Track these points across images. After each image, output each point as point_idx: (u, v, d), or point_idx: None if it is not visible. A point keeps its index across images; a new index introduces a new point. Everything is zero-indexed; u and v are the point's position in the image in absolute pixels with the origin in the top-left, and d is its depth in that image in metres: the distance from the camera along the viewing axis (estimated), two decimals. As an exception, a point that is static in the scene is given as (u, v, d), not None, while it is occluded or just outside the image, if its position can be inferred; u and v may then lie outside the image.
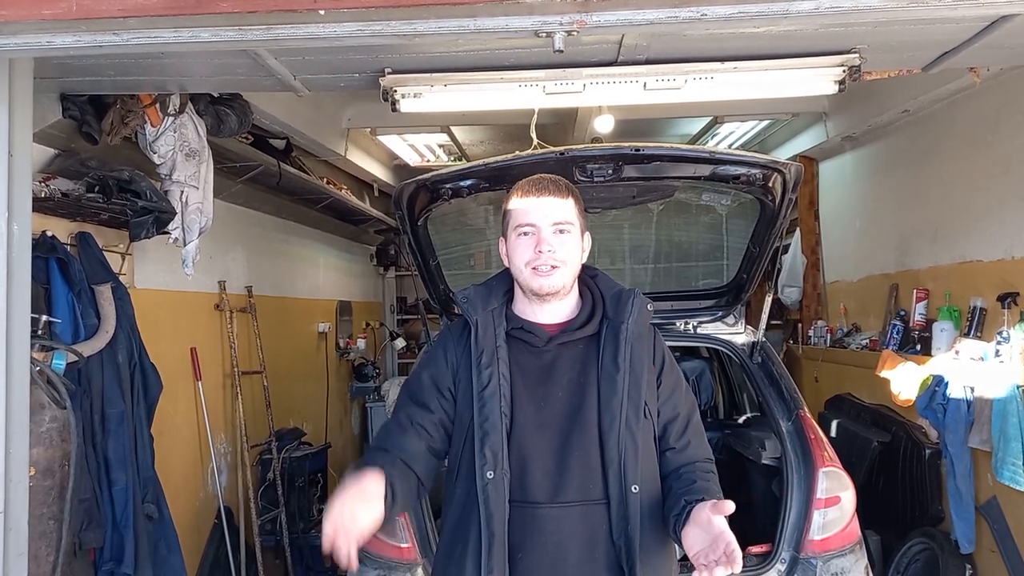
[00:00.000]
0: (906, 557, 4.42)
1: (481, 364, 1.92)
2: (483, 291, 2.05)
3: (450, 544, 1.97)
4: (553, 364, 1.96)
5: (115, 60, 2.74)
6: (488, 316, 1.99)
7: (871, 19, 2.32)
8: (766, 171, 3.23)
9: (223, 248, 5.13)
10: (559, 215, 1.95)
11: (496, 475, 1.86)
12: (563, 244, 1.94)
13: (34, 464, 2.77)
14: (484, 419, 1.89)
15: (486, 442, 1.87)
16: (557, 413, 1.93)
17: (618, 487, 1.88)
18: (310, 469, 5.82)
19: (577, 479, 1.89)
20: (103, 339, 3.34)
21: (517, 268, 1.97)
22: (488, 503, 1.86)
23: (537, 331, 1.98)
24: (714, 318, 3.93)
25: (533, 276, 1.94)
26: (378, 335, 8.96)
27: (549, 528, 1.88)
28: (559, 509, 1.88)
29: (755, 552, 3.23)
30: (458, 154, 6.90)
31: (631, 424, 1.91)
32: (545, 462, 1.89)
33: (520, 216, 1.97)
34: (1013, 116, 3.93)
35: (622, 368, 1.93)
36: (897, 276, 5.13)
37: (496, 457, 1.86)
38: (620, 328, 1.96)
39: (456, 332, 2.06)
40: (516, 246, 1.97)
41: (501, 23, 2.22)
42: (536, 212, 1.94)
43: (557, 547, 1.88)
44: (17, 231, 2.49)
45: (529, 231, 1.94)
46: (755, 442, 3.90)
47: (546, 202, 1.94)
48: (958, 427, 4.05)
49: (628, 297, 2.01)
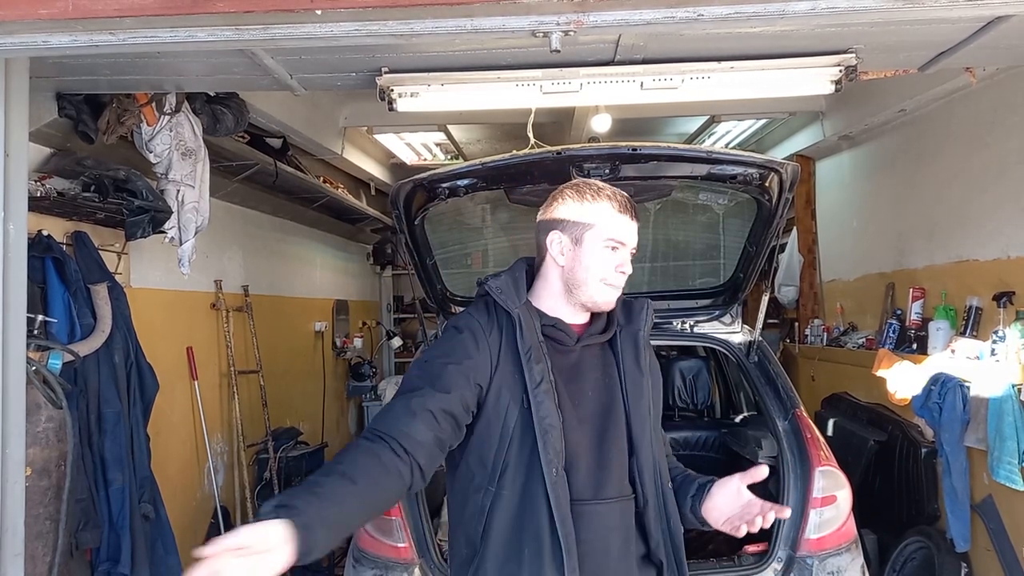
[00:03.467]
0: (902, 556, 4.43)
1: (532, 359, 1.88)
2: (511, 283, 1.99)
3: (508, 550, 1.88)
4: (579, 364, 1.98)
5: (111, 59, 2.73)
6: (526, 311, 1.95)
7: (867, 20, 2.33)
8: (763, 171, 3.23)
9: (219, 247, 5.13)
10: (636, 241, 2.00)
11: (559, 472, 1.85)
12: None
13: (30, 464, 2.76)
14: (543, 416, 1.85)
15: (548, 439, 1.85)
16: (591, 411, 1.95)
17: (653, 485, 1.94)
18: (307, 468, 5.80)
19: (616, 476, 1.93)
20: (99, 339, 3.34)
21: (589, 277, 1.94)
22: (560, 502, 1.83)
23: (568, 331, 1.98)
24: (711, 317, 3.93)
25: (605, 289, 1.95)
26: (375, 334, 8.95)
27: (595, 524, 1.89)
28: (603, 505, 1.90)
29: (751, 551, 3.24)
30: (455, 153, 6.89)
31: (657, 425, 1.99)
32: (588, 459, 1.91)
33: (616, 232, 1.95)
34: (1009, 116, 3.94)
35: (645, 373, 2.00)
36: (893, 275, 5.14)
37: (559, 455, 1.85)
38: (638, 335, 2.02)
39: (482, 320, 1.95)
40: (601, 257, 1.94)
41: (498, 23, 2.22)
42: (629, 233, 1.97)
43: (601, 543, 1.90)
44: (13, 231, 2.48)
45: (618, 247, 1.96)
46: (752, 441, 3.90)
47: (635, 227, 1.99)
48: (954, 426, 4.06)
49: (641, 306, 2.06)
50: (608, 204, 1.96)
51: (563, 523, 1.83)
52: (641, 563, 1.95)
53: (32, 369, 2.81)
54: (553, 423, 1.85)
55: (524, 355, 1.88)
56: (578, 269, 1.95)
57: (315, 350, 7.05)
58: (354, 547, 3.17)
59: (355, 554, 3.14)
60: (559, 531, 1.82)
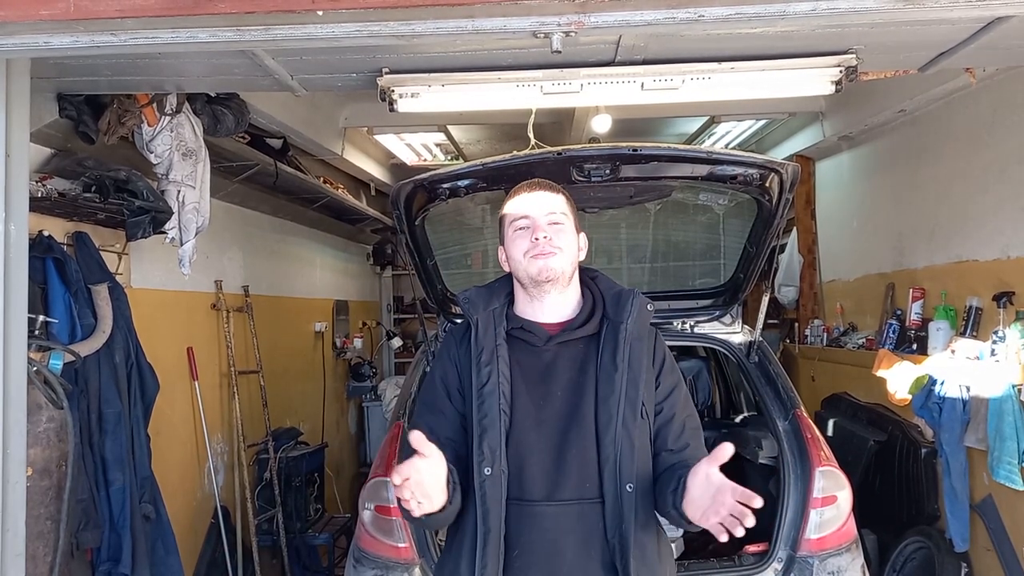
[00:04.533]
0: (902, 556, 4.43)
1: (481, 362, 1.94)
2: (484, 292, 2.08)
3: (449, 540, 2.00)
4: (553, 363, 1.98)
5: (112, 60, 2.74)
6: (488, 316, 2.01)
7: (868, 20, 2.33)
8: (763, 171, 3.23)
9: (220, 247, 5.13)
10: (552, 207, 2.01)
11: (494, 472, 1.87)
12: (558, 233, 1.98)
13: (31, 464, 2.76)
14: (483, 416, 1.90)
15: (484, 439, 1.88)
16: (556, 412, 1.93)
17: (613, 485, 1.89)
18: (307, 469, 5.81)
19: (574, 477, 1.90)
20: (100, 339, 3.34)
21: (516, 261, 2.00)
22: (485, 499, 1.86)
23: (537, 330, 1.99)
24: (711, 317, 3.94)
25: (532, 261, 1.96)
26: (375, 334, 8.95)
27: (546, 526, 1.88)
28: (556, 507, 1.89)
29: (752, 551, 3.25)
30: (455, 153, 6.89)
31: (628, 423, 1.91)
32: (543, 460, 1.90)
33: (515, 213, 2.02)
34: (1009, 116, 3.94)
35: (620, 367, 1.93)
36: (893, 275, 5.14)
37: (494, 454, 1.87)
38: (619, 328, 1.97)
39: (459, 333, 2.08)
40: (514, 240, 2.00)
41: (499, 24, 2.22)
42: (530, 206, 2.00)
43: (553, 545, 1.88)
44: (14, 231, 2.48)
45: (525, 224, 1.99)
46: (752, 441, 3.91)
47: (538, 196, 2.02)
48: (954, 426, 4.06)
49: (628, 297, 2.02)
50: (507, 199, 2.07)
51: (483, 520, 1.87)
52: (606, 568, 1.89)
53: (33, 369, 2.82)
54: (491, 423, 1.89)
55: (475, 358, 1.96)
56: (511, 260, 2.03)
57: (315, 350, 7.05)
58: (354, 547, 3.18)
59: (355, 554, 3.14)
60: (479, 528, 1.87)
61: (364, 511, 3.14)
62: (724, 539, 1.66)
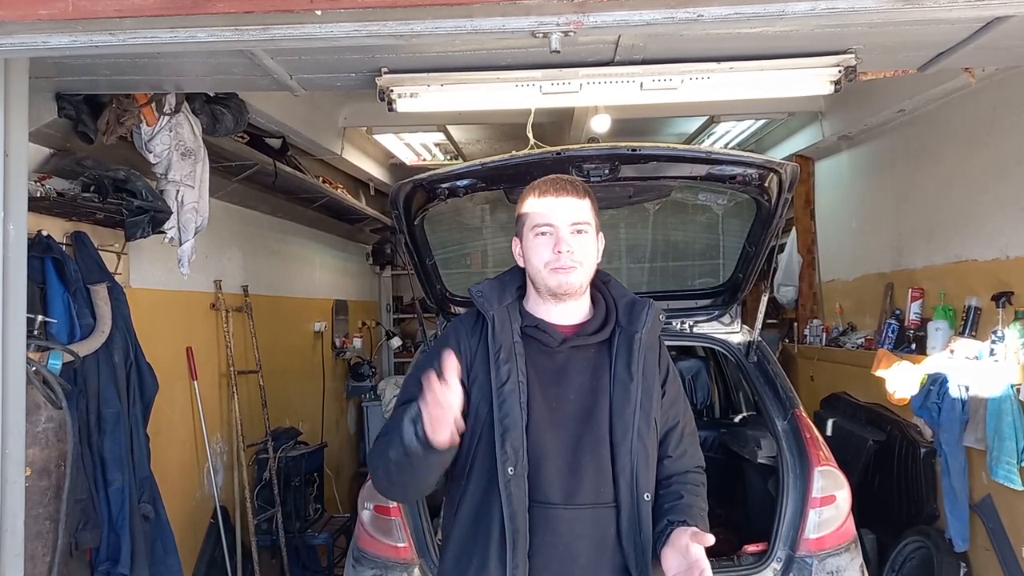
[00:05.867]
0: (901, 555, 4.43)
1: (500, 359, 1.91)
2: (497, 286, 2.04)
3: (465, 541, 1.94)
4: (566, 366, 1.97)
5: (111, 60, 2.74)
6: (504, 312, 1.98)
7: (867, 20, 2.33)
8: (762, 171, 3.24)
9: (219, 247, 5.13)
10: (577, 215, 1.95)
11: (516, 471, 1.86)
12: (581, 244, 1.95)
13: (30, 464, 2.76)
14: (504, 415, 1.88)
15: (507, 438, 1.87)
16: (569, 415, 1.93)
17: (630, 494, 1.90)
18: (306, 468, 5.81)
19: (590, 482, 1.90)
20: (99, 339, 3.34)
21: (535, 268, 1.97)
22: (511, 500, 1.85)
23: (551, 331, 1.97)
24: (710, 317, 3.94)
25: (552, 274, 1.94)
26: (374, 334, 8.95)
27: (562, 529, 1.88)
28: (573, 511, 1.89)
29: (751, 551, 3.25)
30: (454, 153, 6.89)
31: (643, 434, 1.93)
32: (558, 462, 1.90)
33: (538, 216, 1.96)
34: (1008, 116, 3.94)
35: (635, 377, 1.94)
36: (893, 275, 5.14)
37: (517, 454, 1.86)
38: (634, 337, 1.97)
39: (468, 324, 2.03)
40: (535, 246, 1.96)
41: (498, 23, 2.22)
42: (555, 213, 1.94)
43: (567, 548, 1.89)
44: (13, 231, 2.48)
45: (548, 231, 1.94)
46: (751, 441, 3.91)
47: (564, 202, 1.95)
48: (953, 426, 4.06)
49: (643, 307, 2.02)
50: (531, 195, 2.00)
51: (511, 520, 1.85)
52: (618, 572, 1.91)
53: (32, 369, 2.81)
54: (513, 423, 1.87)
55: (493, 355, 1.92)
56: (529, 265, 1.99)
57: (314, 350, 7.05)
58: (354, 547, 3.18)
59: (355, 554, 3.15)
60: (506, 529, 1.85)
61: (363, 511, 3.14)
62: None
